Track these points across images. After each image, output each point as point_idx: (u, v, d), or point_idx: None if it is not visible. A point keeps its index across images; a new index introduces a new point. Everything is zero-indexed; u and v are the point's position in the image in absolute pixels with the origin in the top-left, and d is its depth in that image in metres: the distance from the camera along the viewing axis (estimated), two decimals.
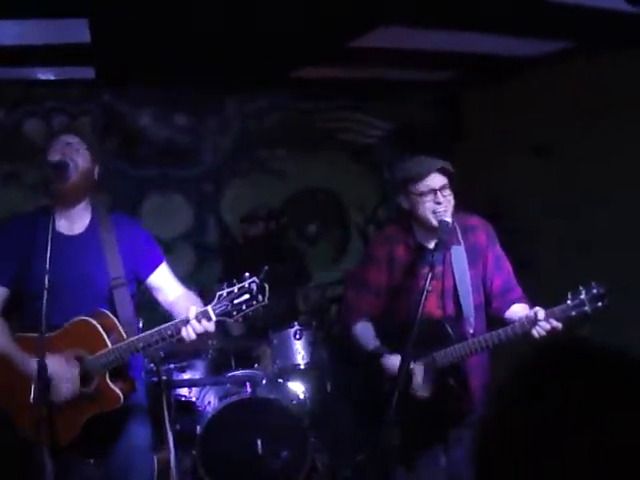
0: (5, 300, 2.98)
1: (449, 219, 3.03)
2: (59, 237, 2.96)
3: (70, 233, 3.02)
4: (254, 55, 5.21)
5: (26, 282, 2.82)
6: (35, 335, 2.74)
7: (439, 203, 3.03)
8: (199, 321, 2.74)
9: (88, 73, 5.60)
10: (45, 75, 5.68)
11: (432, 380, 3.06)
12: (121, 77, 5.92)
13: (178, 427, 4.72)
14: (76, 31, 4.14)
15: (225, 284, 2.73)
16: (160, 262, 3.16)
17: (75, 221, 3.04)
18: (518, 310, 3.07)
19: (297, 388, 5.12)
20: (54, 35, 4.28)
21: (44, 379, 2.58)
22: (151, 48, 4.80)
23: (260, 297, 2.68)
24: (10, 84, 5.89)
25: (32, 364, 2.68)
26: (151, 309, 3.31)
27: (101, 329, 2.84)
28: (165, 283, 3.15)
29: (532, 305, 2.96)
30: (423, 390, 3.05)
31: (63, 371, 2.81)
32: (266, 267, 2.74)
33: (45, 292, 2.60)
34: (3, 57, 4.78)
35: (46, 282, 2.60)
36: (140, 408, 3.17)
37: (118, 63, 5.31)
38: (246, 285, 2.68)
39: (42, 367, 2.56)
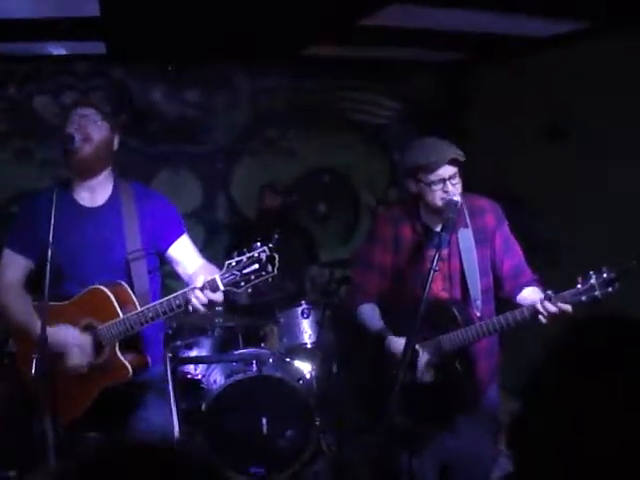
0: (29, 271, 3.01)
1: (457, 198, 2.99)
2: (80, 209, 2.99)
3: (91, 205, 3.01)
4: (265, 32, 5.17)
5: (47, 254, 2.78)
6: (55, 304, 2.79)
7: (447, 192, 3.00)
8: (207, 291, 2.70)
9: (99, 48, 5.58)
10: (56, 50, 5.66)
11: (436, 364, 3.03)
12: (132, 52, 5.89)
13: (184, 404, 4.73)
14: (85, 4, 4.11)
15: (235, 253, 2.68)
16: (180, 234, 3.12)
17: (96, 192, 3.02)
18: (530, 294, 3.02)
19: (303, 367, 5.11)
20: (64, 8, 4.25)
21: (45, 350, 2.58)
22: (161, 23, 4.77)
23: (269, 267, 2.62)
24: (20, 59, 5.89)
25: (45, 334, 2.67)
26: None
27: (114, 299, 2.82)
28: (184, 255, 3.11)
29: (545, 288, 2.92)
30: (426, 375, 3.02)
31: (76, 340, 2.81)
32: (276, 235, 2.70)
33: (48, 265, 2.60)
34: (13, 31, 4.76)
35: (49, 256, 2.60)
36: (158, 387, 3.18)
37: (128, 38, 5.28)
38: (256, 254, 2.63)
39: (43, 338, 2.56)
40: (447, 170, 2.99)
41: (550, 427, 1.04)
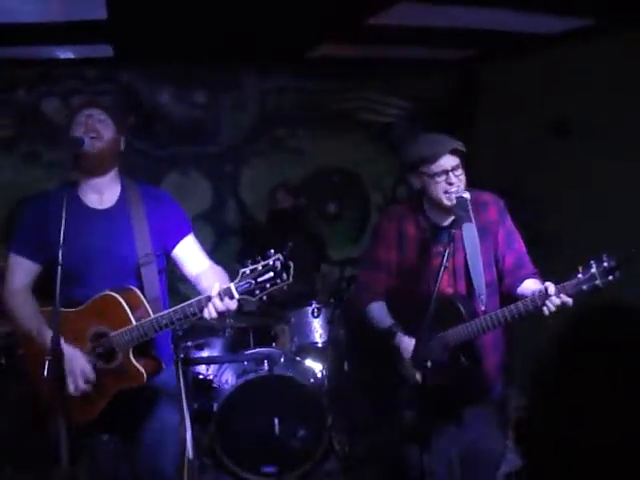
0: (36, 275, 2.99)
1: (467, 195, 2.99)
2: (89, 211, 2.96)
3: (100, 207, 2.99)
4: (272, 32, 5.18)
5: (57, 258, 2.70)
6: (66, 310, 2.76)
7: (451, 184, 3.00)
8: (221, 299, 2.67)
9: (106, 51, 5.60)
10: (64, 54, 5.69)
11: (442, 364, 3.02)
12: (139, 55, 5.91)
13: (195, 405, 4.74)
14: (93, 8, 4.13)
15: (249, 261, 2.64)
16: (186, 234, 3.10)
17: (105, 193, 3.00)
18: (530, 285, 3.01)
19: (315, 366, 5.12)
20: (71, 12, 4.27)
21: (58, 354, 2.58)
22: (168, 25, 4.78)
23: (285, 275, 2.59)
24: (29, 63, 5.91)
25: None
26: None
27: (125, 305, 2.81)
28: (190, 255, 3.09)
29: (544, 281, 2.91)
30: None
31: (77, 365, 2.79)
32: (290, 243, 2.69)
33: (59, 268, 2.58)
34: (21, 35, 4.78)
35: (60, 258, 2.59)
36: (169, 389, 3.17)
37: (136, 41, 5.30)
38: (270, 262, 2.59)
39: (56, 342, 2.55)
40: (449, 161, 2.99)
41: (558, 423, 1.05)
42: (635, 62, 4.70)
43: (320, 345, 5.19)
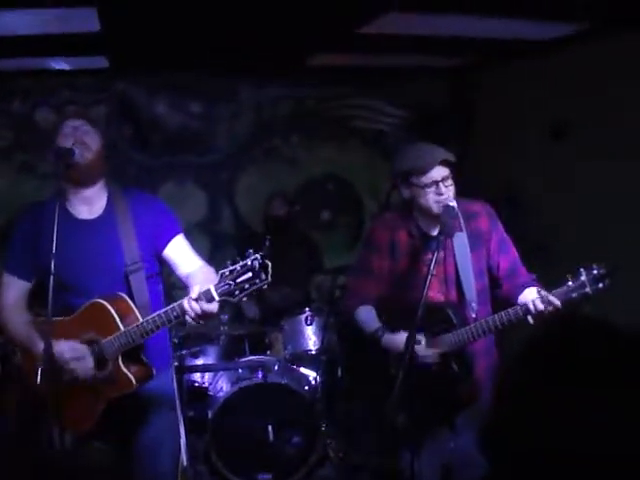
0: (26, 292, 3.04)
1: (454, 203, 3.03)
2: (77, 222, 2.99)
3: (89, 217, 3.02)
4: (266, 42, 5.21)
5: (49, 270, 2.74)
6: (58, 319, 2.79)
7: (441, 194, 3.04)
8: (201, 302, 2.68)
9: (101, 62, 5.63)
10: (59, 65, 5.72)
11: (437, 348, 3.05)
12: (134, 66, 5.94)
13: (190, 412, 4.76)
14: (86, 20, 4.16)
15: (229, 262, 2.65)
16: (176, 234, 3.10)
17: (93, 204, 3.03)
18: (532, 294, 3.04)
19: (309, 374, 5.14)
20: (65, 24, 4.30)
21: (51, 363, 2.61)
22: (162, 36, 4.81)
23: (263, 275, 2.60)
24: (23, 74, 5.95)
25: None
26: None
27: (114, 312, 2.83)
28: (181, 256, 3.09)
29: (544, 288, 2.95)
30: (428, 357, 3.03)
31: (75, 353, 2.81)
32: (267, 240, 2.68)
33: (51, 278, 2.62)
34: (16, 47, 4.81)
35: (52, 267, 2.62)
36: (166, 394, 3.19)
37: (130, 51, 5.33)
38: (249, 263, 2.59)
39: (48, 352, 2.59)
40: (439, 172, 3.03)
41: (523, 428, 1.07)
42: (632, 64, 4.73)
43: (314, 352, 5.21)
